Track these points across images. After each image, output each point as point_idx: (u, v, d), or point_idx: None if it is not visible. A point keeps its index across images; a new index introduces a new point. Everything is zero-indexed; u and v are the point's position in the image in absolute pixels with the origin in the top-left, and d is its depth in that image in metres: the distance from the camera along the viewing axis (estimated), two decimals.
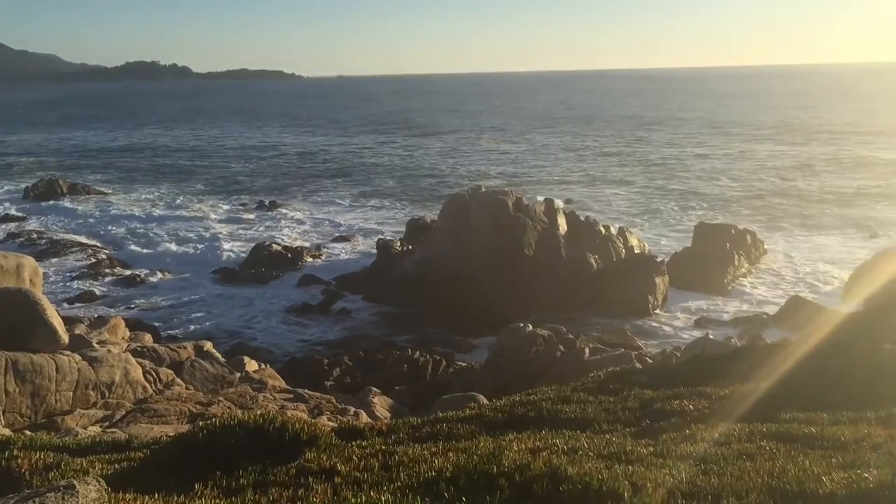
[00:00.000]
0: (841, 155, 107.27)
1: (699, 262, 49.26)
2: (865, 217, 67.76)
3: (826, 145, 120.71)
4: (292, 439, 7.92)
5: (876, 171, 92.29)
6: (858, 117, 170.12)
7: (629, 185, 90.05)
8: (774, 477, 6.57)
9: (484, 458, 6.95)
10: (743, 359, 17.47)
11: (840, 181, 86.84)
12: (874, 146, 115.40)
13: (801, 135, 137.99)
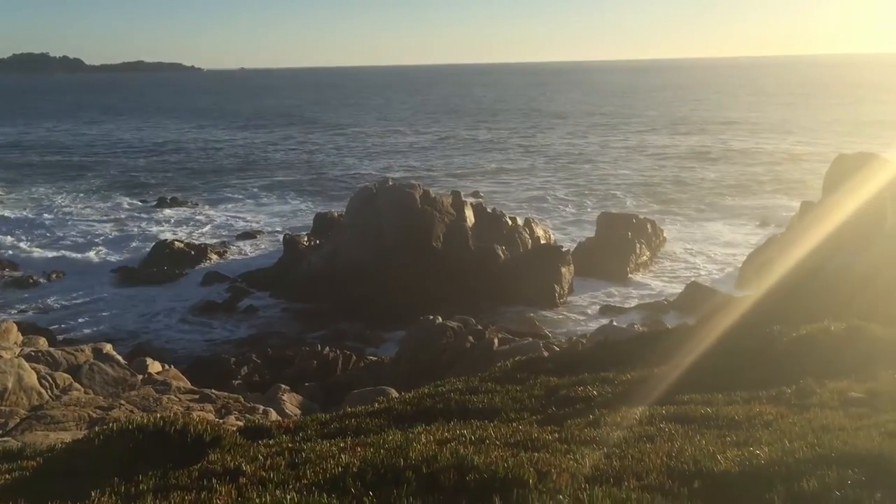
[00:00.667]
0: (731, 146, 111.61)
1: (603, 252, 50.50)
2: (755, 206, 70.83)
3: (716, 137, 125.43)
4: (195, 441, 7.72)
5: (763, 162, 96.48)
6: (746, 111, 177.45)
7: (534, 176, 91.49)
8: (673, 457, 6.80)
9: (391, 451, 6.94)
10: (645, 344, 18.01)
11: (731, 172, 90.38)
12: (760, 138, 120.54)
13: (695, 126, 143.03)
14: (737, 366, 13.25)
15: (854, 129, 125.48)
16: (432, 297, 43.25)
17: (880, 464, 6.39)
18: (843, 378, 11.31)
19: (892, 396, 9.89)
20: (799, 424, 8.33)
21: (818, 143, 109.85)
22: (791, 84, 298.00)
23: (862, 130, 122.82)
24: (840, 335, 13.20)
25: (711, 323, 17.67)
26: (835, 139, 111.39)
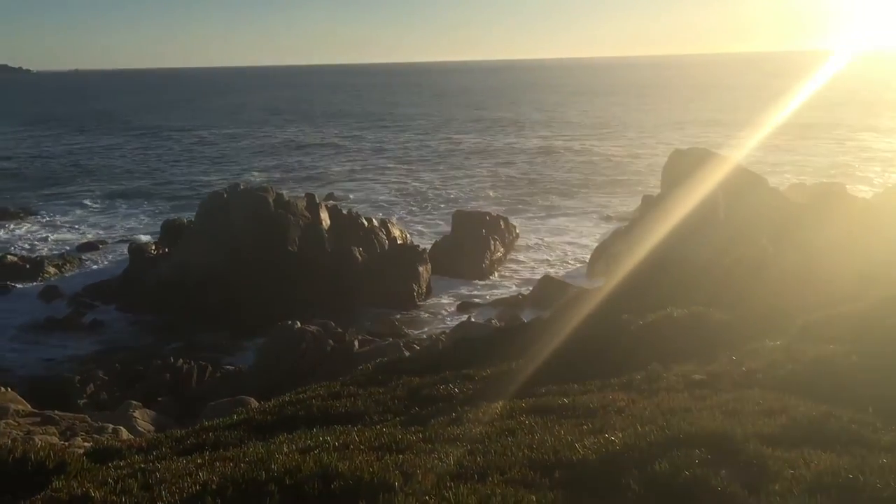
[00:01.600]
0: (575, 147, 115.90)
1: (459, 249, 51.26)
2: (600, 200, 74.04)
3: (560, 135, 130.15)
4: (36, 468, 7.20)
5: (605, 159, 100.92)
6: (590, 113, 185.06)
7: (388, 177, 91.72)
8: (534, 449, 6.95)
9: (252, 464, 6.73)
10: (502, 339, 18.41)
11: (575, 169, 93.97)
12: (603, 139, 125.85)
13: (541, 126, 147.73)
14: (590, 355, 13.77)
15: (685, 127, 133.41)
16: (290, 302, 42.48)
17: (723, 442, 6.78)
18: (686, 362, 11.96)
19: (731, 377, 10.56)
20: (649, 409, 8.72)
21: (654, 140, 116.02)
22: (627, 84, 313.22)
23: (691, 128, 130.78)
24: (682, 321, 13.97)
25: (565, 315, 18.30)
26: (669, 136, 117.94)
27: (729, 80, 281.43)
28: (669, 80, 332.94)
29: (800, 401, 8.69)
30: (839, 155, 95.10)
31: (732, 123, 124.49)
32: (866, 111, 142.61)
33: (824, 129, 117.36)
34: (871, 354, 10.18)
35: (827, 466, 6.33)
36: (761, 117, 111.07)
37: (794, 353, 10.84)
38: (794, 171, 79.88)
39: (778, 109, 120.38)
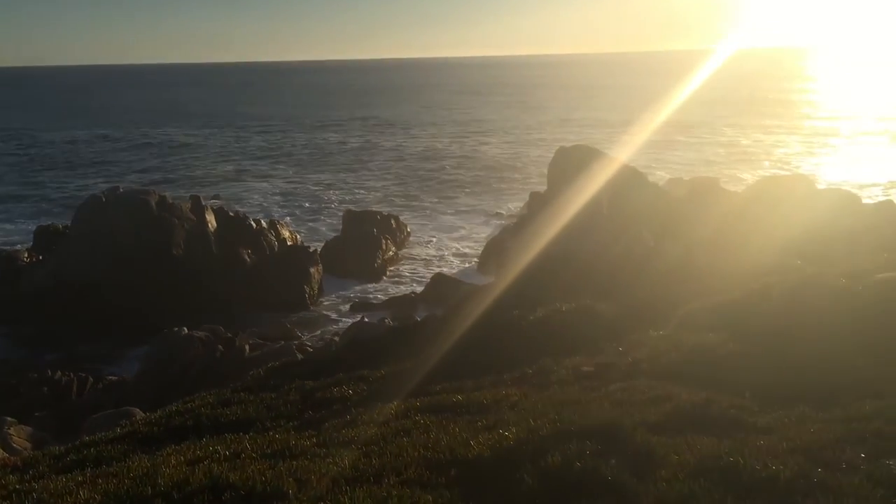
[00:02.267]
0: (462, 145, 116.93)
1: (350, 249, 50.89)
2: (489, 198, 75.05)
3: (446, 133, 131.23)
4: None
5: (491, 156, 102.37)
6: (476, 111, 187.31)
7: (275, 177, 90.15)
8: (429, 449, 6.95)
9: (137, 479, 6.46)
10: (396, 339, 18.38)
11: (464, 166, 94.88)
12: (490, 137, 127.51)
13: (430, 126, 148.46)
14: (483, 352, 13.91)
15: (570, 125, 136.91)
16: (177, 308, 41.11)
17: (613, 432, 6.97)
18: (576, 354, 12.25)
19: (619, 368, 10.88)
20: (541, 402, 8.88)
21: (540, 138, 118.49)
22: (513, 83, 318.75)
23: (576, 126, 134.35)
24: (572, 315, 14.31)
25: (458, 313, 18.43)
26: (555, 134, 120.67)
27: (612, 80, 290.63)
28: (554, 79, 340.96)
29: (683, 388, 9.04)
30: (714, 149, 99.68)
31: (615, 122, 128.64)
32: (739, 109, 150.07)
33: (701, 126, 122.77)
34: (747, 341, 10.70)
35: (709, 450, 6.60)
36: (643, 116, 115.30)
37: (676, 342, 11.28)
38: (672, 167, 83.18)
39: (659, 108, 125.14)
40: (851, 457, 6.68)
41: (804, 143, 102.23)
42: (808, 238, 22.79)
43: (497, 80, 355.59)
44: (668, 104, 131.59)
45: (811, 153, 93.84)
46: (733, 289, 13.95)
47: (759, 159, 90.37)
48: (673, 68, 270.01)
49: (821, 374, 9.33)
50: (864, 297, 11.65)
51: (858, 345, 10.14)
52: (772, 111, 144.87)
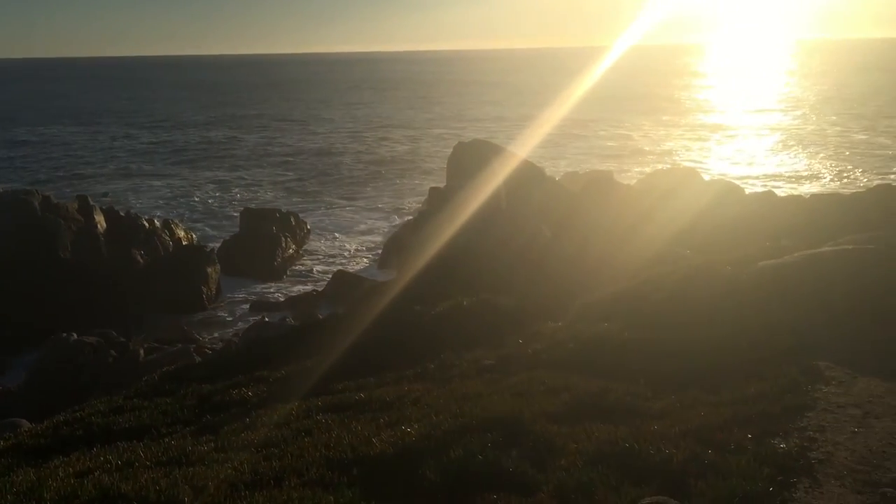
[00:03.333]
0: (361, 141, 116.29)
1: (249, 248, 49.83)
2: (389, 192, 74.94)
3: (346, 132, 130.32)
4: None
5: (389, 151, 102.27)
6: (373, 107, 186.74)
7: (167, 175, 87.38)
8: (331, 448, 6.87)
9: (21, 494, 6.13)
10: (297, 338, 18.12)
11: (361, 161, 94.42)
12: (389, 133, 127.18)
13: (326, 123, 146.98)
14: (385, 348, 13.88)
15: (468, 121, 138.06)
16: (65, 313, 39.31)
17: (513, 424, 7.06)
18: (478, 348, 12.37)
19: (519, 359, 11.04)
20: (443, 397, 8.92)
21: (439, 133, 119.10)
22: (409, 79, 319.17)
23: (474, 122, 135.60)
24: (472, 309, 14.43)
25: (359, 310, 18.33)
26: (453, 130, 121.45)
27: (508, 77, 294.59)
28: (451, 75, 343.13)
29: (581, 377, 9.25)
30: (609, 143, 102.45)
31: (513, 118, 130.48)
32: (632, 104, 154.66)
33: (596, 121, 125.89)
34: (641, 329, 11.03)
35: (606, 438, 6.77)
36: (541, 112, 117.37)
37: (574, 332, 11.53)
38: (569, 161, 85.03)
39: (556, 104, 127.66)
40: (739, 437, 6.98)
41: (692, 137, 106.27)
42: (697, 228, 23.71)
43: (394, 75, 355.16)
44: (565, 100, 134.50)
45: (698, 147, 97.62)
46: (627, 279, 14.37)
47: (650, 153, 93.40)
48: (569, 65, 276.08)
49: (710, 359, 9.70)
50: (748, 283, 12.19)
51: (744, 329, 10.60)
52: (662, 107, 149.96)
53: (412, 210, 63.22)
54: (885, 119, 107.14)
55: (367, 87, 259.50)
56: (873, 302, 11.49)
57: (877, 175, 66.42)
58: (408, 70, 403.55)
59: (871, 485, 6.23)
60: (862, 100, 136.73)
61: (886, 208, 22.39)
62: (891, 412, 7.82)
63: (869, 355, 9.63)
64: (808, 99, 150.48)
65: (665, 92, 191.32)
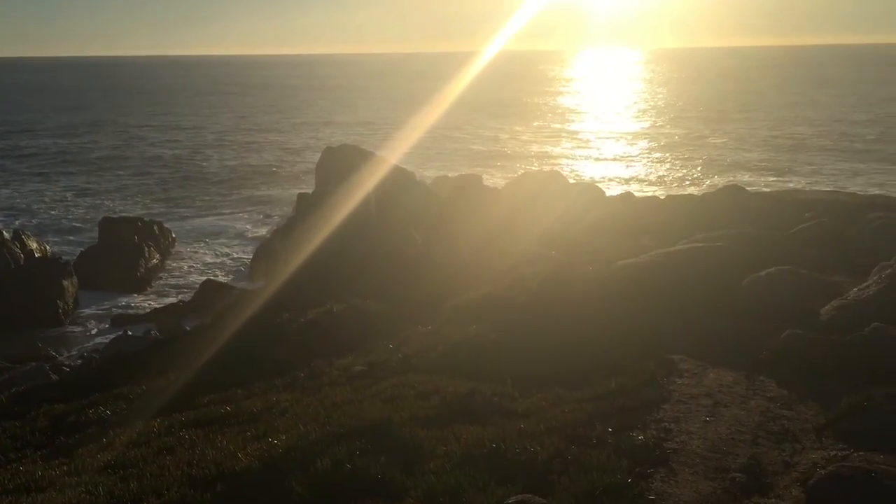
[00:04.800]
0: (226, 146, 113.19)
1: (110, 260, 47.54)
2: (258, 198, 73.30)
3: (212, 135, 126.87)
4: None
5: (258, 160, 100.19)
6: (236, 111, 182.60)
7: (16, 184, 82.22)
8: (194, 465, 6.64)
9: None
10: (162, 351, 17.45)
11: (231, 167, 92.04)
12: (255, 137, 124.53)
13: (185, 128, 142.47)
14: (254, 358, 13.56)
15: (334, 127, 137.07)
16: None
17: (383, 430, 7.04)
18: (348, 354, 12.27)
19: (389, 365, 11.03)
20: (312, 406, 8.79)
21: (306, 138, 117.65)
22: (274, 83, 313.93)
23: (341, 128, 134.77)
24: (343, 315, 14.31)
25: (227, 320, 17.82)
26: (320, 135, 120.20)
27: (376, 81, 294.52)
28: (316, 79, 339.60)
29: (450, 380, 9.34)
30: (478, 147, 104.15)
31: (382, 123, 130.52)
32: (501, 109, 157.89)
33: (465, 126, 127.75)
34: (508, 330, 11.25)
35: (474, 439, 6.86)
36: (410, 117, 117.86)
37: (443, 336, 11.63)
38: (439, 166, 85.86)
39: (425, 109, 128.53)
40: (601, 432, 7.23)
41: (556, 141, 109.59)
42: (562, 229, 24.41)
43: (258, 79, 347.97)
44: (434, 105, 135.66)
45: (563, 150, 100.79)
46: (495, 281, 14.63)
47: (517, 157, 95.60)
48: (435, 70, 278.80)
49: (574, 356, 10.01)
50: (609, 282, 12.66)
51: (606, 326, 11.00)
52: (528, 112, 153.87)
53: (281, 216, 62.10)
54: (732, 123, 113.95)
55: (231, 92, 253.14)
56: (721, 295, 12.19)
57: (725, 176, 70.50)
58: (272, 74, 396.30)
59: (721, 471, 6.59)
60: (709, 105, 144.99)
61: (734, 207, 23.78)
62: (738, 401, 8.31)
63: (718, 347, 10.20)
64: (661, 105, 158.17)
65: (530, 98, 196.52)
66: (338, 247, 19.91)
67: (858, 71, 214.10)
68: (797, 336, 9.65)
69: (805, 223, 18.64)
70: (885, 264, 12.19)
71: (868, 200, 25.45)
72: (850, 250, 15.95)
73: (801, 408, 8.09)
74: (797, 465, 6.65)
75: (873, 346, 9.18)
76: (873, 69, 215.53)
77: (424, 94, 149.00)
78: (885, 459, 6.43)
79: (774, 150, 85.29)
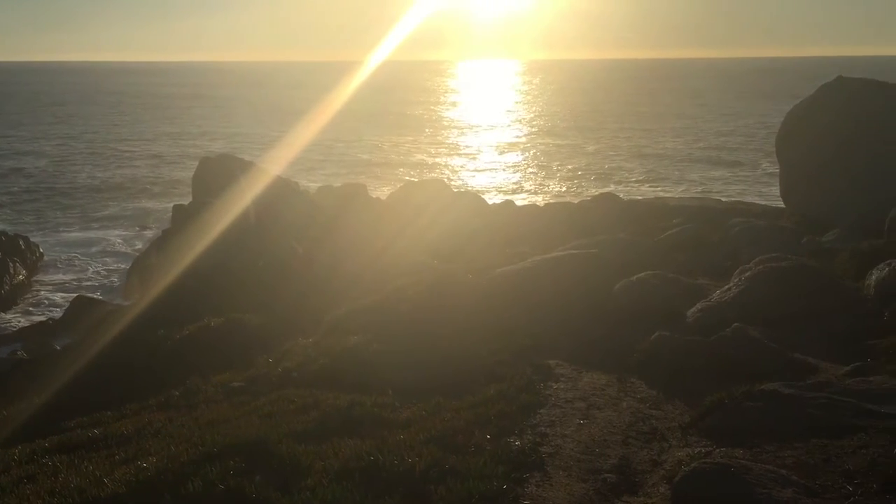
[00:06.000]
0: (99, 155, 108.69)
1: None
2: (133, 210, 70.54)
3: (82, 143, 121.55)
4: None
5: (131, 165, 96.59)
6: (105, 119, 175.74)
7: None
8: (56, 494, 6.31)
9: None
10: (27, 373, 16.55)
11: (102, 176, 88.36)
12: (126, 147, 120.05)
13: (53, 136, 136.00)
14: (126, 377, 13.03)
15: (210, 137, 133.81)
16: None
17: (259, 447, 6.90)
18: (226, 370, 11.95)
19: (269, 379, 10.82)
20: (187, 425, 8.52)
21: (181, 148, 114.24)
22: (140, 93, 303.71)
23: (219, 138, 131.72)
24: (221, 330, 13.94)
25: (99, 337, 17.05)
26: (195, 145, 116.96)
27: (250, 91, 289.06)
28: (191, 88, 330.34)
29: (330, 393, 9.24)
30: (362, 156, 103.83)
31: (262, 133, 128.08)
32: (384, 118, 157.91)
33: (349, 134, 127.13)
34: (390, 340, 11.24)
35: (352, 452, 6.81)
36: (291, 126, 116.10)
37: (324, 348, 11.50)
38: (322, 175, 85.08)
39: (307, 118, 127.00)
40: (479, 439, 7.32)
41: (440, 151, 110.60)
42: (445, 238, 24.64)
43: (129, 87, 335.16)
44: (317, 114, 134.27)
45: (446, 160, 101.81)
46: (378, 291, 14.60)
47: (402, 166, 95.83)
48: (318, 79, 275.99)
49: (454, 364, 10.12)
50: (489, 289, 12.87)
51: (485, 334, 11.17)
52: (411, 122, 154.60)
53: (156, 229, 59.95)
54: (606, 133, 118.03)
55: (101, 101, 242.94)
56: (596, 300, 12.61)
57: (601, 184, 72.91)
58: (147, 81, 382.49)
59: (594, 472, 6.80)
60: (585, 116, 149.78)
61: (608, 214, 24.66)
62: (610, 403, 8.61)
63: (593, 351, 10.54)
64: (539, 116, 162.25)
65: (413, 108, 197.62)
66: (216, 260, 19.41)
67: (721, 83, 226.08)
68: (665, 338, 10.09)
69: (673, 229, 19.54)
70: (745, 267, 12.92)
71: (730, 206, 26.94)
72: (714, 254, 16.83)
73: (668, 407, 8.46)
74: (664, 463, 6.94)
75: (734, 345, 9.70)
76: (735, 82, 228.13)
77: (306, 103, 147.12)
78: (744, 454, 6.80)
79: (646, 159, 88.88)
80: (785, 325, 10.98)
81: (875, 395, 7.73)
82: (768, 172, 72.94)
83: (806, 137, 21.91)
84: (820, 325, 11.11)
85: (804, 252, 15.66)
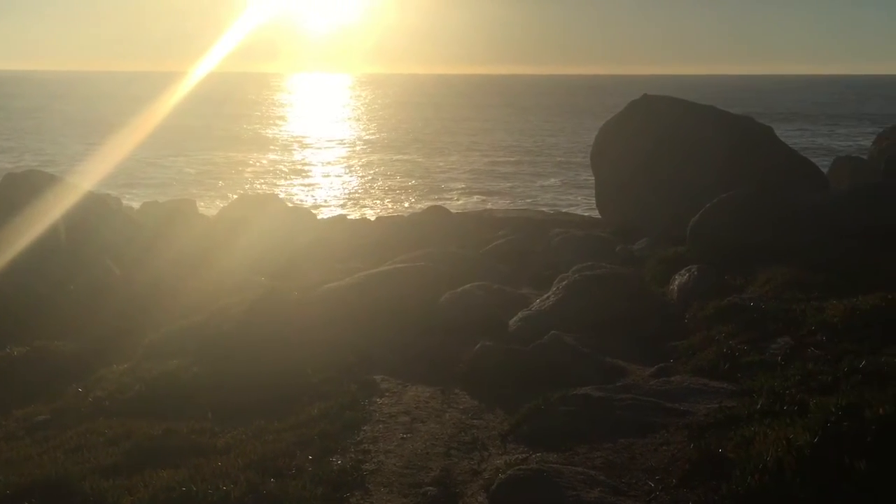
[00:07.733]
0: None
1: None
2: None
3: None
4: None
5: None
6: None
7: None
8: None
9: None
10: None
11: None
12: None
13: None
14: None
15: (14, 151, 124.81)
16: None
17: (59, 486, 6.44)
18: (30, 403, 11.08)
19: (78, 410, 10.13)
20: None
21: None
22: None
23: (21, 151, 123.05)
24: (24, 359, 12.90)
25: None
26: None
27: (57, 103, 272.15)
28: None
29: (144, 422, 8.77)
30: (189, 171, 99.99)
31: (74, 146, 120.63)
32: (212, 132, 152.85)
33: (175, 148, 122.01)
34: (211, 362, 10.83)
35: (164, 484, 6.49)
36: (107, 139, 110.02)
37: (140, 373, 10.92)
38: (147, 191, 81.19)
39: (126, 131, 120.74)
40: (301, 461, 7.19)
41: (271, 166, 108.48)
42: (275, 255, 24.09)
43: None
44: (135, 128, 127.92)
45: (277, 175, 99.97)
46: (200, 311, 14.05)
47: (232, 181, 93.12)
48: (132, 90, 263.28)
49: (279, 384, 9.88)
50: (315, 306, 12.71)
51: (311, 352, 10.99)
52: (244, 135, 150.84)
53: None
54: (438, 146, 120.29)
55: None
56: (422, 313, 12.74)
57: (432, 197, 74.14)
58: None
59: (415, 486, 6.83)
60: (418, 129, 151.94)
61: (438, 227, 24.98)
62: (434, 415, 8.70)
63: (418, 364, 10.63)
64: (371, 129, 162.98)
65: (244, 122, 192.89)
66: (20, 282, 17.99)
67: (546, 99, 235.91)
68: (488, 347, 10.33)
69: (499, 240, 20.11)
70: (563, 276, 13.49)
71: (552, 218, 28.12)
72: (536, 264, 17.46)
73: (489, 416, 8.65)
74: (483, 472, 7.08)
75: (551, 352, 10.09)
76: (560, 98, 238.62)
77: (119, 116, 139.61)
78: (557, 458, 7.06)
79: (476, 172, 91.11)
80: (599, 331, 11.53)
81: (675, 393, 8.27)
82: (590, 183, 77.04)
83: (616, 151, 23.26)
84: (631, 329, 11.76)
85: (618, 260, 16.55)
